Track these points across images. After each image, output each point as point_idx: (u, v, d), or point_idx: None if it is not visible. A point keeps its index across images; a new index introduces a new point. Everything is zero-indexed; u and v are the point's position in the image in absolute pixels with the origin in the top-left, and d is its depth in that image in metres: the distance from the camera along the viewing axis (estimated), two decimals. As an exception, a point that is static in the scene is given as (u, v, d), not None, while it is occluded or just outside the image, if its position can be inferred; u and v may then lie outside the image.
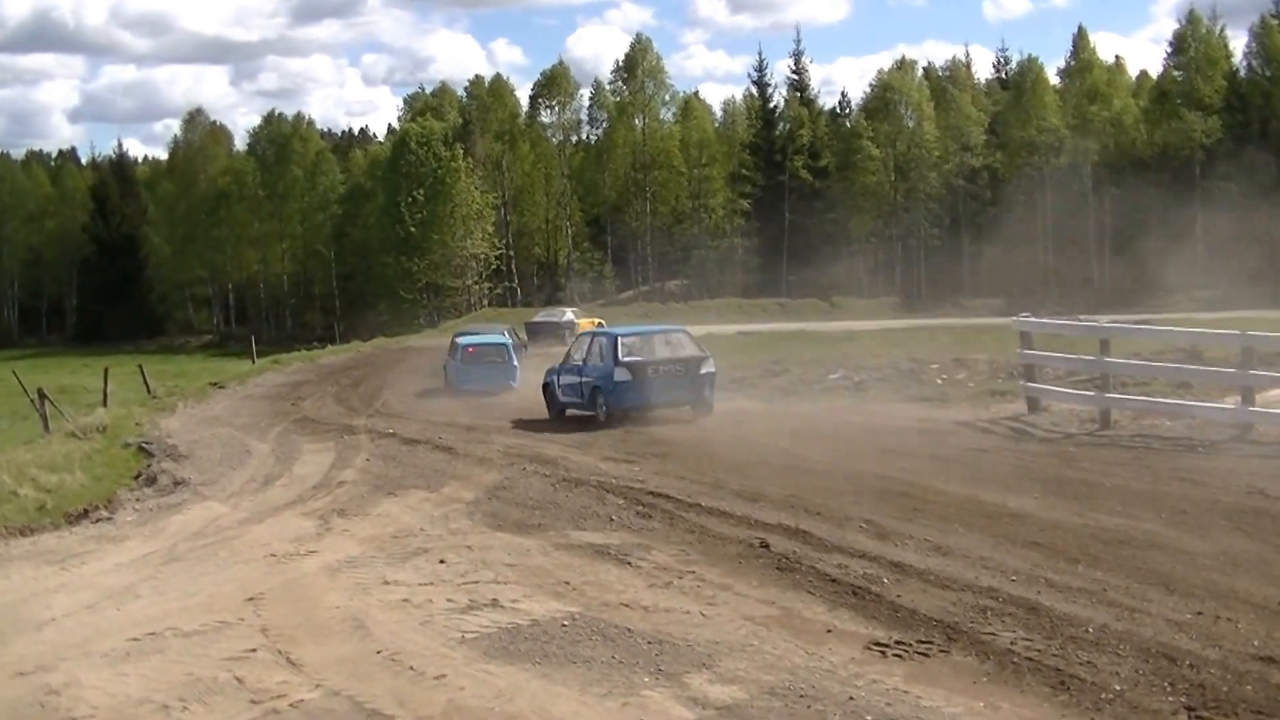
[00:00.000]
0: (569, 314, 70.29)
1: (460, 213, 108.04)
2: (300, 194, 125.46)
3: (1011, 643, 9.54)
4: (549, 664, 9.48)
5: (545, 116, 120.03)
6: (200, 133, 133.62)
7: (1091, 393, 22.81)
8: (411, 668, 9.53)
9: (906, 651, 9.50)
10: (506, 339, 45.55)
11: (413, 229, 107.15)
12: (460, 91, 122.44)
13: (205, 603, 11.84)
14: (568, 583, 11.88)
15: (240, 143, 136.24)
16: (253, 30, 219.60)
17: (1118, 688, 8.58)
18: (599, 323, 59.14)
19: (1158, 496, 15.08)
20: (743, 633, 10.10)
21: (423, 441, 23.81)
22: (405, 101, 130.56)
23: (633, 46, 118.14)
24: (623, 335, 27.45)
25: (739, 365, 38.13)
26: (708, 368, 26.40)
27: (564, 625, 10.41)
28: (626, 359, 25.95)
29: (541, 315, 71.26)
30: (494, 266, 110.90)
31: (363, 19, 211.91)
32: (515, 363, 41.28)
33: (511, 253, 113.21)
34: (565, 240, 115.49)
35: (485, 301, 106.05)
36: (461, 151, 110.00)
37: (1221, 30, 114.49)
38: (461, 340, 42.86)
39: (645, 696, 8.72)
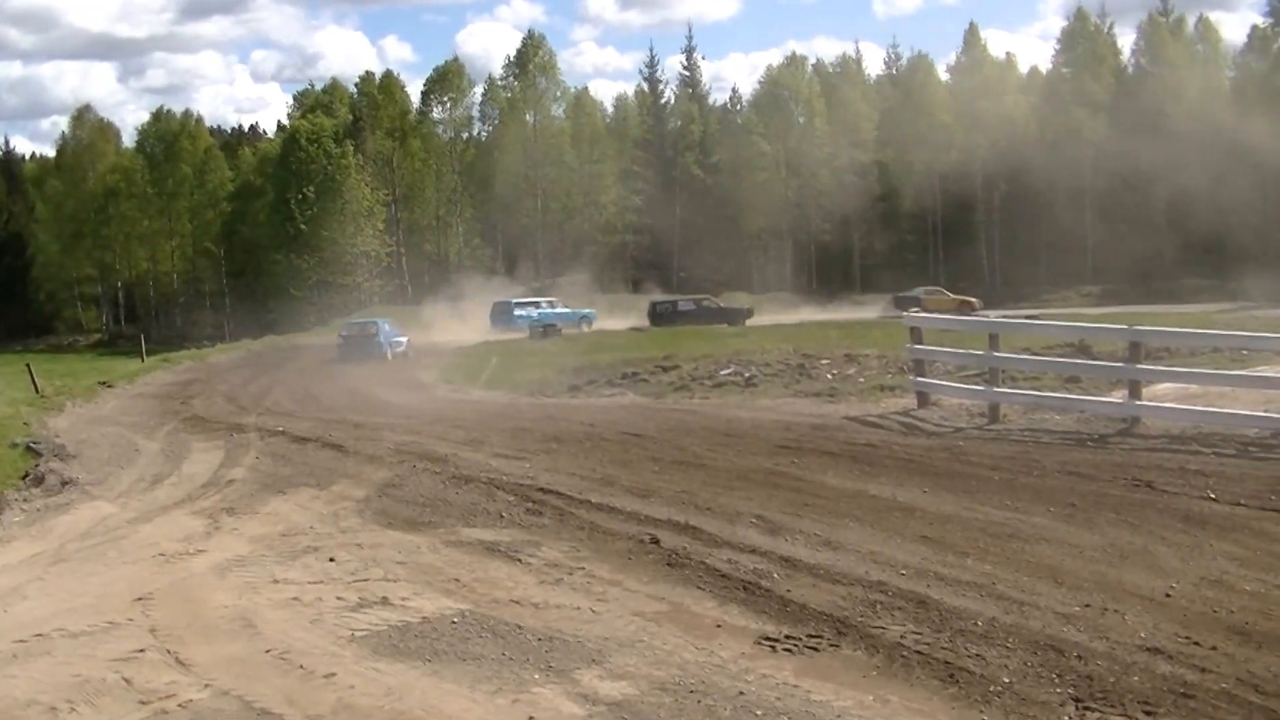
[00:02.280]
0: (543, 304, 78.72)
1: (351, 209, 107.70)
2: (189, 191, 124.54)
3: (901, 636, 9.56)
4: (439, 661, 9.41)
5: (436, 113, 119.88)
6: (88, 130, 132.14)
7: (981, 387, 22.97)
8: (301, 666, 9.41)
9: (796, 646, 9.50)
10: (380, 324, 59.37)
11: (303, 226, 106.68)
12: (351, 88, 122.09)
13: (93, 603, 11.67)
14: (458, 580, 11.79)
15: (129, 140, 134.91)
16: (140, 26, 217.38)
17: (1006, 680, 8.63)
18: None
19: (1046, 490, 15.19)
20: (633, 629, 10.07)
21: (312, 439, 23.65)
22: (295, 98, 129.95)
23: (524, 42, 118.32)
24: None
25: (630, 361, 38.23)
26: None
27: (454, 623, 10.34)
28: None
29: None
30: (385, 264, 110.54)
31: (251, 15, 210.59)
32: (382, 340, 56.12)
33: (402, 250, 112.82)
34: (456, 237, 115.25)
35: (376, 299, 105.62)
36: (352, 148, 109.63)
37: (1110, 28, 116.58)
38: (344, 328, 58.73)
39: (535, 693, 8.66)
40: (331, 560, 12.84)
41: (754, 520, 13.77)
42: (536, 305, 78.17)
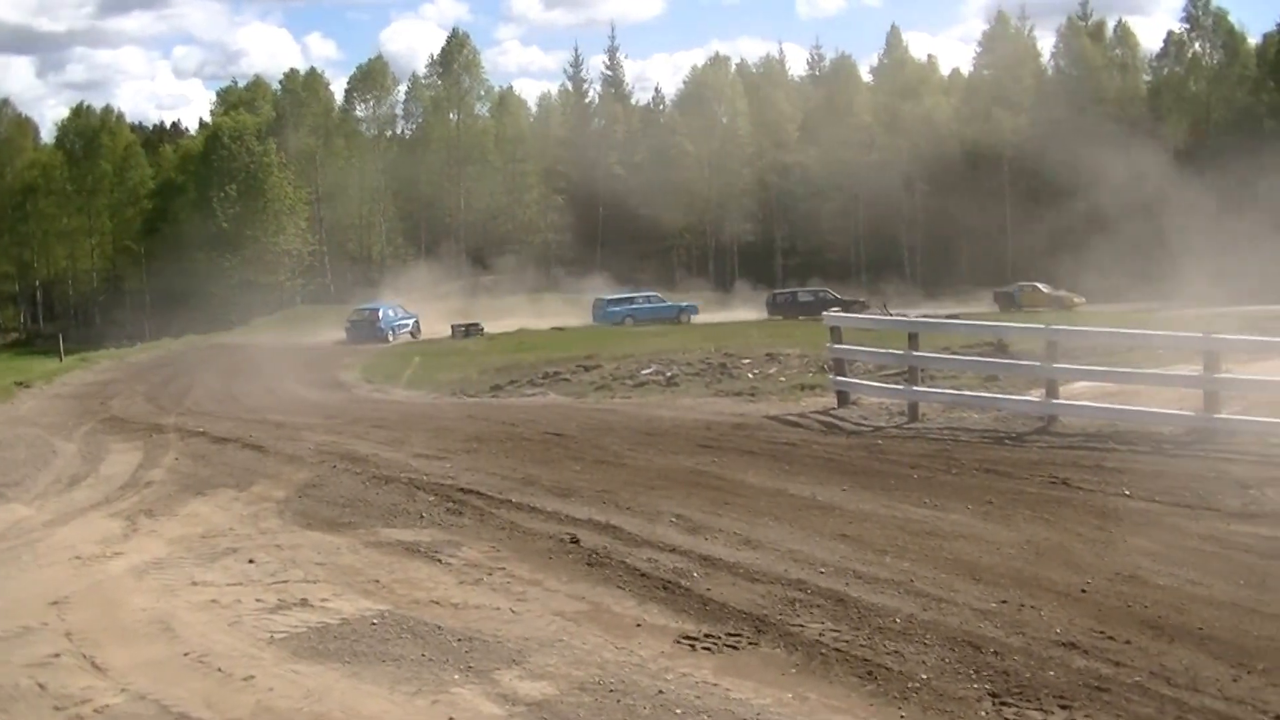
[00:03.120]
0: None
1: (274, 208, 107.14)
2: (110, 189, 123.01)
3: (820, 634, 9.63)
4: (358, 663, 9.39)
5: (360, 111, 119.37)
6: (6, 125, 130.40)
7: (900, 386, 23.07)
8: (219, 669, 9.36)
9: (716, 644, 9.54)
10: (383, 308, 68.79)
11: (225, 225, 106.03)
12: (274, 85, 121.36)
13: (7, 607, 11.54)
14: (378, 581, 11.76)
15: (48, 136, 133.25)
16: (60, 20, 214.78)
17: (924, 676, 8.71)
18: None
19: (964, 488, 15.31)
20: (553, 628, 10.08)
21: (233, 440, 23.48)
22: (217, 95, 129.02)
23: (449, 41, 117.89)
24: None
25: (552, 361, 38.22)
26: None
27: (374, 624, 10.32)
28: None
29: None
30: (307, 262, 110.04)
31: (173, 11, 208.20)
32: (383, 324, 64.80)
33: (325, 248, 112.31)
34: (380, 235, 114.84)
35: (298, 298, 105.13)
36: (275, 146, 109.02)
37: (1030, 31, 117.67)
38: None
39: (455, 694, 8.66)
40: (251, 562, 12.77)
41: (674, 519, 13.81)
42: (631, 300, 79.51)
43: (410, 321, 69.17)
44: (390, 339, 62.08)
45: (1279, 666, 8.93)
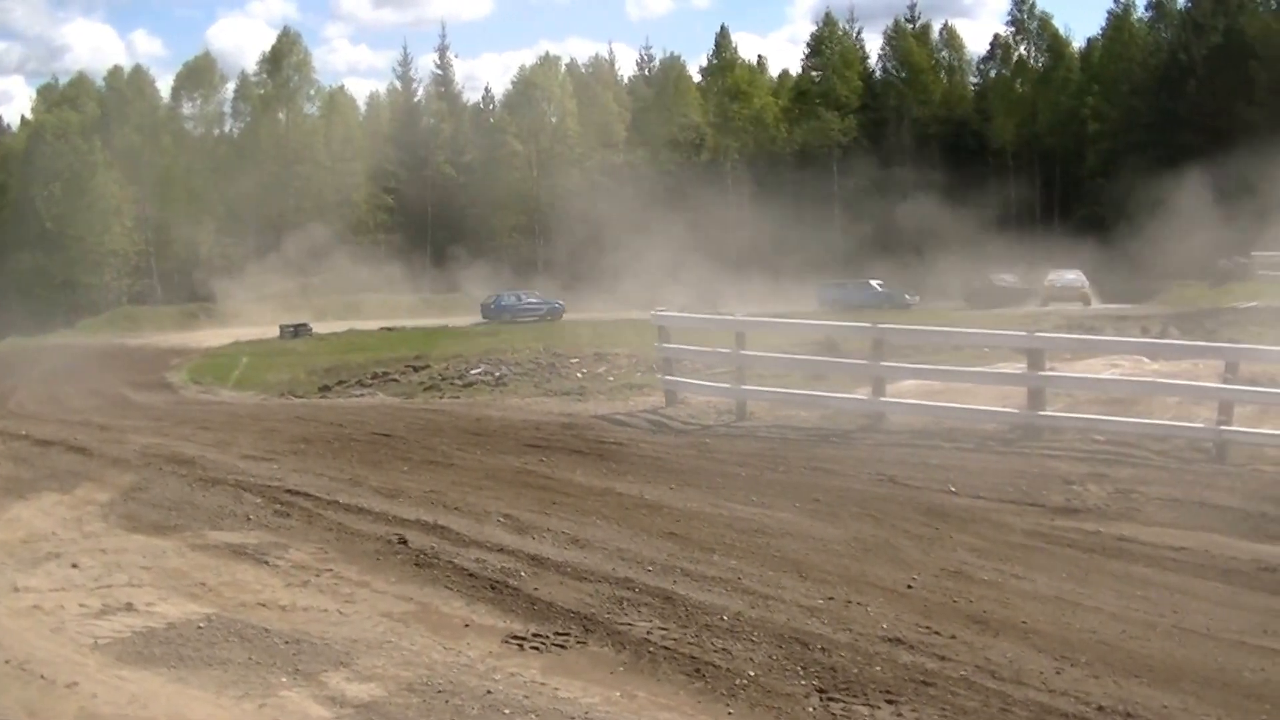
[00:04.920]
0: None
1: (99, 207, 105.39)
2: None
3: (648, 632, 9.63)
4: (184, 667, 9.23)
5: (187, 109, 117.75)
6: None
7: (728, 385, 23.14)
8: (42, 676, 9.15)
9: (544, 644, 9.51)
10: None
11: (48, 224, 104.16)
12: (99, 82, 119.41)
13: None
14: (204, 584, 11.57)
15: None
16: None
17: (752, 673, 8.73)
18: None
19: (792, 485, 15.41)
20: (380, 630, 9.99)
21: (56, 443, 23.06)
22: (39, 92, 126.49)
23: (280, 39, 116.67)
24: None
25: (381, 361, 38.03)
26: None
27: (200, 627, 10.15)
28: None
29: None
30: (134, 262, 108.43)
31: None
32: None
33: (152, 249, 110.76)
34: (208, 235, 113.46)
35: (124, 299, 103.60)
36: (100, 144, 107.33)
37: (858, 33, 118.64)
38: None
39: (283, 697, 8.56)
40: (74, 566, 12.52)
41: (502, 519, 13.75)
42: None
43: (544, 307, 76.22)
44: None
45: (1101, 659, 9.07)
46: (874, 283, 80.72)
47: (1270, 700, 8.47)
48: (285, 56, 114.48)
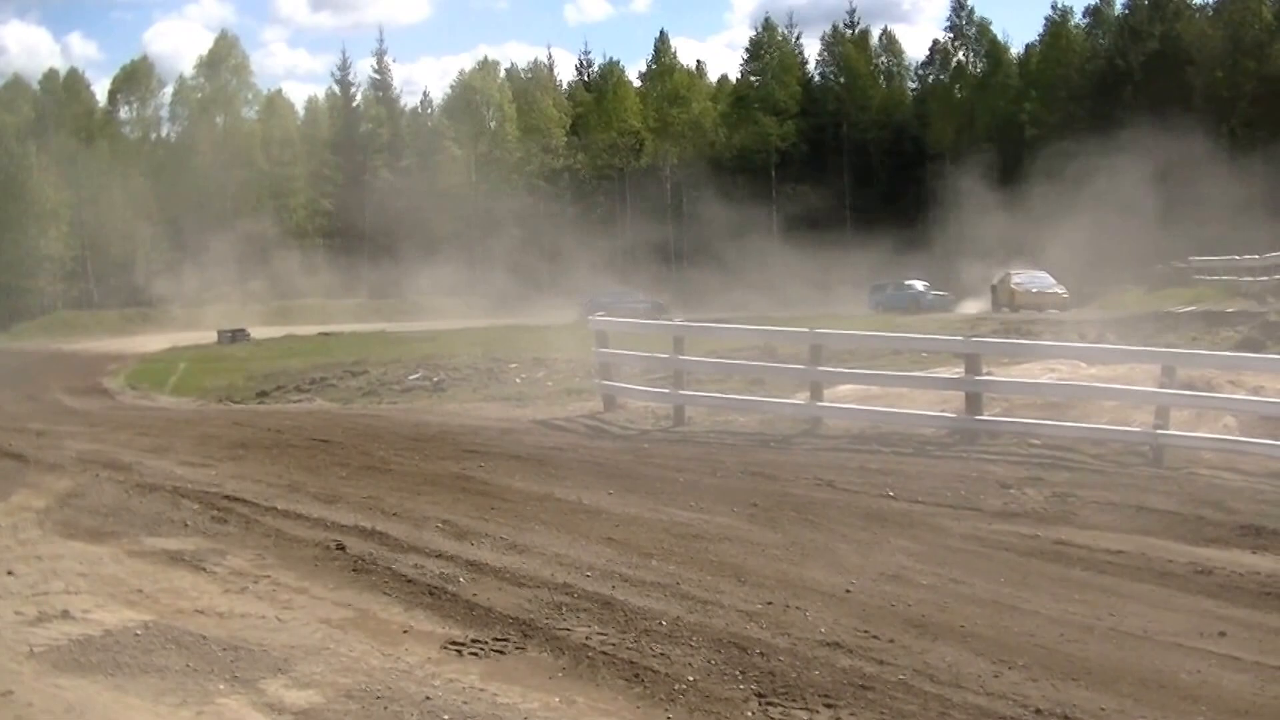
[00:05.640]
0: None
1: (34, 211, 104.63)
2: None
3: (587, 638, 9.60)
4: (121, 675, 9.14)
5: (124, 113, 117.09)
6: None
7: (666, 390, 23.16)
8: (-24, 685, 9.11)
9: (483, 649, 9.47)
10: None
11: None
12: (34, 85, 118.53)
13: None
14: (141, 590, 11.47)
15: None
16: None
17: (691, 678, 8.71)
18: None
19: (730, 490, 15.44)
20: (319, 636, 9.93)
21: (-10, 449, 22.96)
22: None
23: (218, 43, 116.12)
24: None
25: (319, 366, 37.84)
26: None
27: (137, 634, 10.05)
28: None
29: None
30: (69, 267, 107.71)
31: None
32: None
33: (88, 253, 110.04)
34: (145, 240, 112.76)
35: (59, 303, 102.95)
36: (35, 148, 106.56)
37: (797, 39, 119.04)
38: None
39: (220, 704, 8.48)
40: (10, 574, 12.40)
41: (441, 525, 13.72)
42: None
43: (643, 305, 76.18)
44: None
45: (1039, 662, 9.11)
46: (917, 284, 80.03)
47: (1206, 701, 8.52)
48: (223, 60, 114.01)
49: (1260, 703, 8.54)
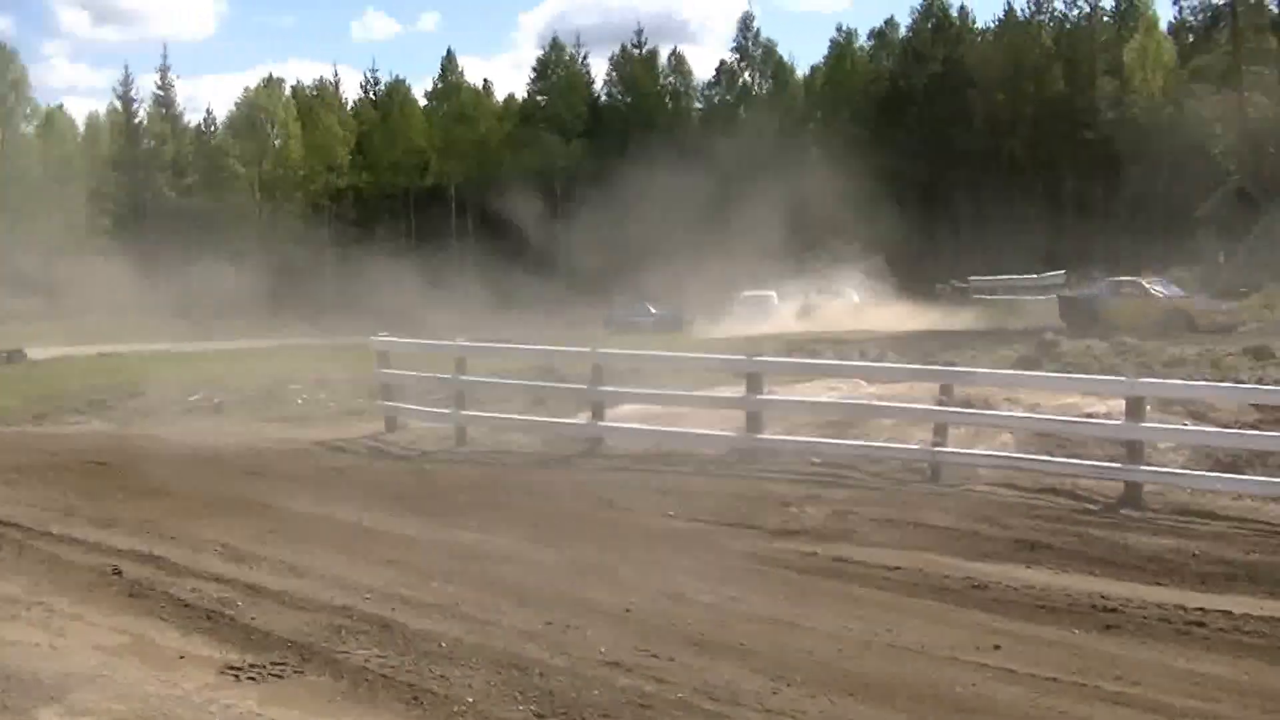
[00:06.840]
0: None
1: None
2: None
3: (366, 660, 9.57)
4: (-114, 706, 8.96)
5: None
6: None
7: (447, 410, 23.09)
8: None
9: (261, 674, 9.40)
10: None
11: None
12: None
13: None
14: (-93, 619, 11.26)
15: None
16: None
17: (470, 699, 8.72)
18: None
19: (510, 511, 15.48)
20: (94, 663, 9.77)
21: None
22: None
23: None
24: None
25: (97, 388, 37.16)
26: None
27: (-96, 665, 9.86)
28: None
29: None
30: None
31: None
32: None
33: None
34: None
35: None
36: None
37: (584, 58, 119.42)
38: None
39: (-10, 735, 8.36)
40: None
41: (220, 548, 13.56)
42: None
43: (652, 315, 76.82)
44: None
45: (816, 678, 9.21)
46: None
47: (981, 713, 8.68)
48: (0, 74, 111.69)
49: (1033, 714, 8.71)
